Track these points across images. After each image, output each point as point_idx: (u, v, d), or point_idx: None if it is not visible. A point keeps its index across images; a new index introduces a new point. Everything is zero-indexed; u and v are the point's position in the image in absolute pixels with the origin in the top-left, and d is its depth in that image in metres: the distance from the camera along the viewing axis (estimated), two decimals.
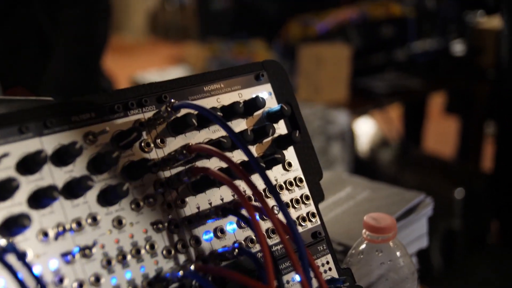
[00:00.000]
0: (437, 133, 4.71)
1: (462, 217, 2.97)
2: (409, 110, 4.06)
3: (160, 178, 0.78)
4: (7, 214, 0.67)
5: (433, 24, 3.35)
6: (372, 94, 3.02)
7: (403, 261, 0.99)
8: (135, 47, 8.52)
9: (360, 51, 3.04)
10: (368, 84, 3.06)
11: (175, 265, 0.76)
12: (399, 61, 3.27)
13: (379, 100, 3.04)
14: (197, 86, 0.85)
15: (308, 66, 2.82)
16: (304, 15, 3.23)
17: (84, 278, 0.70)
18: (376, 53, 3.19)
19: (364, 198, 1.34)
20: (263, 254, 0.68)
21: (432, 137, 4.53)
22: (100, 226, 0.73)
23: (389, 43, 3.21)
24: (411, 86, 3.13)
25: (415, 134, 4.08)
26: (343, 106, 2.84)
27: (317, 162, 0.92)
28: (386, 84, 3.06)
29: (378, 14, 3.16)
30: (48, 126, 0.72)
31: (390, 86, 3.06)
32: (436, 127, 4.74)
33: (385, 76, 3.15)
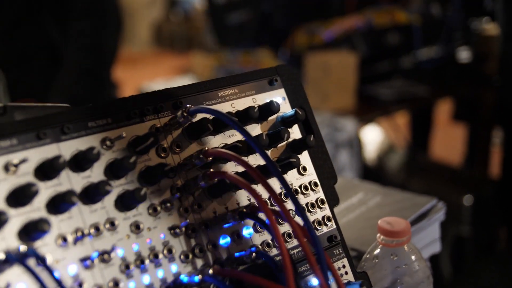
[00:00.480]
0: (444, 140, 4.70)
1: (471, 223, 2.96)
2: (416, 117, 4.06)
3: (177, 183, 0.78)
4: (26, 220, 0.68)
5: (439, 31, 3.35)
6: (379, 102, 3.02)
7: (418, 265, 0.99)
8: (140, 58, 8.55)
9: (366, 58, 3.04)
10: (374, 91, 3.06)
11: (193, 270, 0.76)
12: (405, 68, 3.26)
13: (386, 108, 3.03)
14: (211, 91, 0.85)
15: (315, 74, 2.82)
16: (310, 23, 3.24)
17: (103, 283, 0.71)
18: (382, 60, 3.19)
19: (376, 203, 1.34)
20: (282, 257, 0.68)
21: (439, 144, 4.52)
22: (118, 231, 0.73)
23: (395, 51, 3.21)
24: (418, 93, 3.12)
25: (422, 141, 4.08)
26: (350, 113, 2.84)
27: (332, 167, 0.92)
28: (393, 91, 3.06)
29: (384, 21, 3.16)
30: (65, 132, 0.73)
31: (396, 93, 3.05)
32: (443, 135, 4.74)
33: (392, 84, 3.14)
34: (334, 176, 0.92)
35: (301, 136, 0.90)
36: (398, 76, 3.22)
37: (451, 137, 4.69)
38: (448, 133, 4.77)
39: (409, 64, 3.29)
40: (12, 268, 0.65)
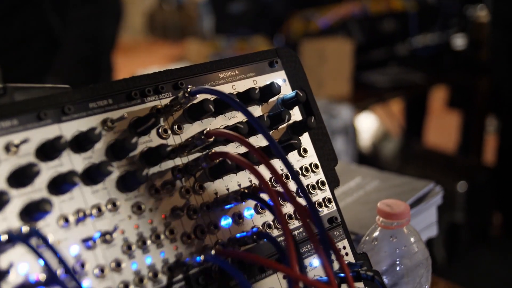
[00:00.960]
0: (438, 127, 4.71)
1: (465, 210, 2.97)
2: (410, 105, 4.07)
3: (178, 164, 0.78)
4: (27, 200, 0.67)
5: (434, 19, 3.35)
6: (374, 89, 3.02)
7: (417, 246, 0.99)
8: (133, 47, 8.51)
9: (362, 45, 3.04)
10: (370, 78, 3.06)
11: (195, 251, 0.76)
12: (401, 55, 3.27)
13: (381, 95, 3.04)
14: (212, 73, 0.85)
15: (311, 61, 2.82)
16: (305, 10, 3.23)
17: (105, 263, 0.70)
18: (378, 47, 3.19)
19: (373, 187, 1.34)
20: (285, 237, 0.68)
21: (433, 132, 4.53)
22: (120, 211, 0.73)
23: (391, 38, 3.21)
24: (413, 80, 3.13)
25: (417, 128, 4.09)
26: (346, 100, 2.84)
27: (332, 148, 0.92)
28: (388, 79, 3.06)
29: (380, 8, 3.16)
30: (66, 112, 0.72)
31: (392, 81, 3.06)
32: (438, 122, 4.75)
33: (387, 71, 3.15)
34: (334, 158, 0.92)
35: (302, 118, 0.90)
36: (394, 63, 3.22)
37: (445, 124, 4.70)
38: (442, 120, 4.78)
39: (405, 51, 3.29)
40: (14, 248, 0.65)
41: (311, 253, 0.85)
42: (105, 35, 2.05)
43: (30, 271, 0.65)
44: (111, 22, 2.07)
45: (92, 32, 2.00)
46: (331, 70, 2.84)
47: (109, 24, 2.06)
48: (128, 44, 8.48)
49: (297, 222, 0.85)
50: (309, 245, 0.85)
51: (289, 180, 0.85)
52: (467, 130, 3.76)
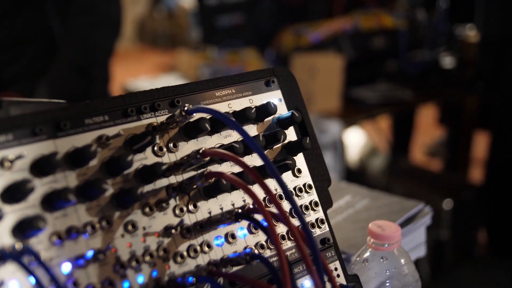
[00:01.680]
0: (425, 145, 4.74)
1: (450, 228, 2.98)
2: (398, 121, 4.09)
3: (172, 182, 0.78)
4: (21, 216, 0.66)
5: (424, 37, 3.38)
6: (364, 105, 3.03)
7: (407, 268, 0.99)
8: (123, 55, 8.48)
9: (352, 61, 3.06)
10: (359, 94, 3.07)
11: (187, 270, 0.76)
12: (390, 72, 3.29)
13: (370, 111, 3.05)
14: (208, 91, 0.85)
15: (301, 76, 2.83)
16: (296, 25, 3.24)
17: (97, 282, 0.70)
18: (368, 63, 3.21)
19: (363, 206, 1.34)
20: (279, 258, 0.68)
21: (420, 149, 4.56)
22: (113, 229, 0.72)
23: (381, 54, 3.23)
24: (402, 97, 3.14)
25: (404, 144, 4.11)
26: (335, 115, 2.85)
27: (326, 169, 0.92)
28: (378, 95, 3.08)
29: (370, 25, 3.18)
30: (62, 128, 0.71)
31: (381, 97, 3.07)
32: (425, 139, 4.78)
33: (376, 87, 3.16)
34: (328, 179, 0.92)
35: (297, 138, 0.90)
36: (383, 79, 3.24)
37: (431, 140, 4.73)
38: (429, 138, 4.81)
39: (394, 68, 3.31)
40: (5, 265, 0.64)
41: (302, 274, 0.85)
42: (99, 45, 2.04)
43: None
44: (107, 34, 2.06)
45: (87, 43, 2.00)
46: (321, 85, 2.85)
47: (104, 36, 2.06)
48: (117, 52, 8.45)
49: (290, 242, 0.85)
50: (301, 266, 0.85)
51: (283, 200, 0.85)
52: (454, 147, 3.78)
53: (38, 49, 2.04)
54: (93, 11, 2.02)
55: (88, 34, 2.01)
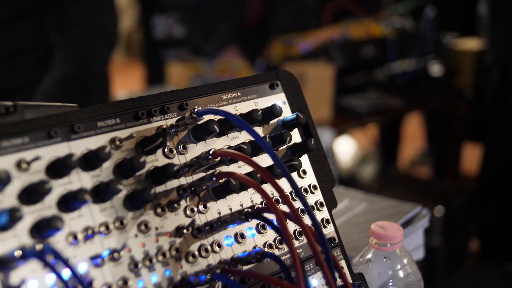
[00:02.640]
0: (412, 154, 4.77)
1: (442, 234, 3.00)
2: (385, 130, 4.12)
3: (183, 183, 0.79)
4: (38, 217, 0.68)
5: (412, 45, 3.42)
6: (354, 113, 3.06)
7: (410, 268, 1.01)
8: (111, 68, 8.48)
9: (342, 70, 3.08)
10: (350, 102, 3.10)
11: (199, 269, 0.77)
12: (380, 80, 3.32)
13: (360, 119, 3.08)
14: (215, 94, 0.86)
15: None
16: (286, 35, 3.27)
17: (113, 281, 0.71)
18: (358, 72, 3.24)
19: (361, 210, 1.36)
20: (292, 256, 0.69)
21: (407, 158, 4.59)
22: (127, 230, 0.74)
23: (370, 63, 3.26)
24: (391, 105, 3.18)
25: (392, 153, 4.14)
26: (326, 124, 2.87)
27: (330, 170, 0.94)
28: (367, 103, 3.10)
29: (359, 34, 3.21)
30: (75, 131, 0.73)
31: (371, 105, 3.10)
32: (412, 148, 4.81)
33: (366, 95, 3.19)
34: (332, 180, 0.94)
35: (301, 140, 0.92)
36: (372, 88, 3.27)
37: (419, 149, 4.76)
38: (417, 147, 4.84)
39: (383, 76, 3.34)
40: (25, 265, 0.65)
41: (310, 273, 0.86)
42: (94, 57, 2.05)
43: None
44: (102, 46, 2.07)
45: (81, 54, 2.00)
46: (312, 94, 2.87)
47: (99, 47, 2.07)
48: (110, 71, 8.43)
49: (297, 242, 0.87)
50: (308, 265, 0.87)
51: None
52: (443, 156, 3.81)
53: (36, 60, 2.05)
54: (88, 23, 2.03)
55: (82, 46, 2.02)
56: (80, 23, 1.99)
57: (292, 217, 0.71)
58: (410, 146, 4.77)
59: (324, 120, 2.91)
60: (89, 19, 2.02)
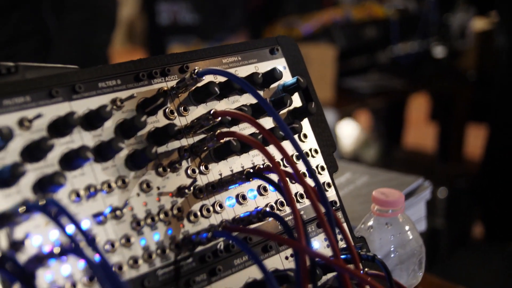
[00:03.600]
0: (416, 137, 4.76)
1: (445, 216, 3.00)
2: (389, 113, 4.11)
3: (184, 144, 0.80)
4: (41, 174, 0.68)
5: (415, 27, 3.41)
6: (357, 94, 3.05)
7: (411, 234, 1.01)
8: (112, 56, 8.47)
9: (344, 52, 3.08)
10: (352, 84, 3.09)
11: (201, 229, 0.78)
12: (382, 62, 3.31)
13: (363, 100, 3.07)
14: (215, 57, 0.87)
15: None
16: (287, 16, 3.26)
17: (115, 238, 0.71)
18: (360, 54, 3.23)
19: (363, 182, 1.37)
20: (294, 215, 0.70)
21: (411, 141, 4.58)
22: (129, 189, 0.74)
23: (373, 45, 3.25)
24: (394, 87, 3.17)
25: (396, 136, 4.13)
26: (329, 106, 2.87)
27: (330, 135, 0.94)
28: (370, 85, 3.10)
29: (362, 16, 3.20)
30: (77, 91, 0.73)
31: (374, 87, 3.10)
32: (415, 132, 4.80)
33: (369, 77, 3.19)
34: (333, 144, 0.94)
35: (302, 104, 0.92)
36: (375, 70, 3.26)
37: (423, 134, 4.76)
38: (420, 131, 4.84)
39: (386, 58, 3.33)
40: (28, 221, 0.66)
41: (312, 235, 0.87)
42: (97, 41, 2.05)
43: (43, 243, 0.66)
44: (102, 28, 2.07)
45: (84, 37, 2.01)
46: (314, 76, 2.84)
47: (100, 30, 2.07)
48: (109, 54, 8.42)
49: (298, 205, 0.87)
50: (310, 228, 0.87)
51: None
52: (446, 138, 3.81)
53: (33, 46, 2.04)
54: (87, 6, 2.02)
55: (83, 29, 2.01)
56: (79, 7, 1.99)
57: (295, 177, 0.72)
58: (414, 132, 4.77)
59: (327, 102, 2.91)
60: (88, 2, 2.01)
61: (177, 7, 4.44)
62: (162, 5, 4.54)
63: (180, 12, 4.40)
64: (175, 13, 4.50)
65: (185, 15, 4.25)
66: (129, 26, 9.06)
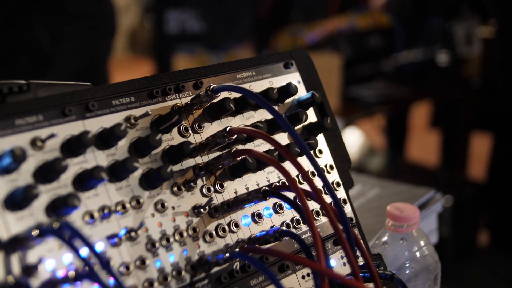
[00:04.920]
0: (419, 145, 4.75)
1: (451, 224, 2.98)
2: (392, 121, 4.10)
3: (199, 162, 0.78)
4: (54, 196, 0.67)
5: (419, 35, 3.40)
6: (362, 103, 3.04)
7: (427, 249, 0.99)
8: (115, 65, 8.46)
9: (349, 60, 3.07)
10: (357, 93, 3.08)
11: (216, 249, 0.76)
12: (387, 70, 3.30)
13: (368, 109, 3.06)
14: (229, 73, 0.85)
15: None
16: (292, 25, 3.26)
17: (130, 260, 0.70)
18: (365, 62, 3.22)
19: (374, 195, 1.35)
20: (312, 234, 0.68)
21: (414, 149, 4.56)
22: (143, 209, 0.73)
23: (377, 53, 3.24)
24: (399, 95, 3.16)
25: (399, 144, 4.12)
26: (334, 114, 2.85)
27: (346, 150, 0.93)
28: (375, 93, 3.09)
29: (366, 24, 3.19)
30: (90, 109, 0.72)
31: (379, 95, 3.08)
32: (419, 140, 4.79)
33: (374, 85, 3.18)
34: (348, 160, 0.93)
35: (317, 119, 0.90)
36: (380, 78, 3.25)
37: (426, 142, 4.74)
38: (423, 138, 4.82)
39: (390, 66, 3.32)
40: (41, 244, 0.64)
41: (329, 252, 0.85)
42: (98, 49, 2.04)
43: (57, 267, 0.64)
44: (104, 37, 2.07)
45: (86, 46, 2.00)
46: None
47: (102, 39, 2.06)
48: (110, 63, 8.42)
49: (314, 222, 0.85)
50: (327, 245, 0.85)
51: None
52: (450, 146, 3.79)
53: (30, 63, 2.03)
54: (85, 16, 2.01)
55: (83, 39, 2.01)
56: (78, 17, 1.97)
57: (313, 195, 0.70)
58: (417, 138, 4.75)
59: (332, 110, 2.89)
60: (86, 12, 2.00)
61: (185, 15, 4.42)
62: (170, 14, 4.51)
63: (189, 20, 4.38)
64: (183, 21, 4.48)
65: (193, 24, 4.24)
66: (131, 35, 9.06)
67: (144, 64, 8.43)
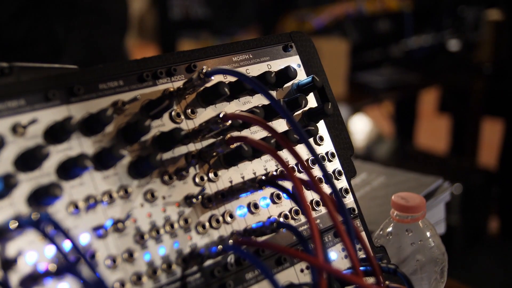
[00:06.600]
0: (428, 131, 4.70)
1: (460, 212, 2.95)
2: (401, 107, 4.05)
3: (191, 150, 0.74)
4: (36, 185, 0.63)
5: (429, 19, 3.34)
6: (370, 89, 2.99)
7: (433, 241, 0.95)
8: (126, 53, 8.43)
9: (357, 46, 3.02)
10: (365, 79, 3.03)
11: (209, 241, 0.72)
12: (396, 56, 3.25)
13: (376, 95, 3.01)
14: (225, 55, 0.81)
15: None
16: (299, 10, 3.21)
17: (117, 253, 0.66)
18: (373, 48, 3.17)
19: (380, 183, 1.31)
20: (310, 226, 0.64)
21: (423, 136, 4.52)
22: (132, 199, 0.69)
23: (386, 38, 3.19)
24: (408, 81, 3.11)
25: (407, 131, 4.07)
26: (342, 100, 2.81)
27: (348, 137, 0.88)
28: (383, 79, 3.04)
29: (375, 8, 3.14)
30: (75, 93, 0.68)
31: (387, 81, 3.03)
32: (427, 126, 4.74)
33: (382, 71, 3.12)
34: (350, 147, 0.88)
35: (317, 105, 0.86)
36: (388, 64, 3.20)
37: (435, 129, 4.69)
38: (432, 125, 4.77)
39: (399, 52, 3.27)
40: (22, 235, 0.61)
41: (329, 245, 0.81)
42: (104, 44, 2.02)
43: (38, 260, 0.61)
44: (112, 32, 2.04)
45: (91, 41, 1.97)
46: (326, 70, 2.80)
47: (109, 34, 2.03)
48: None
49: (314, 213, 0.82)
50: (326, 237, 0.82)
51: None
52: (460, 133, 3.74)
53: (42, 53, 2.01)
54: (96, 9, 1.99)
55: (92, 32, 1.98)
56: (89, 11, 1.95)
57: (310, 184, 0.66)
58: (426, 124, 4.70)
59: (339, 97, 2.85)
60: (97, 6, 1.98)
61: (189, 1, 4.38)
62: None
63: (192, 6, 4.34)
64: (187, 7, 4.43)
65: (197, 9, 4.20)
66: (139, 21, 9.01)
67: (152, 51, 8.41)
